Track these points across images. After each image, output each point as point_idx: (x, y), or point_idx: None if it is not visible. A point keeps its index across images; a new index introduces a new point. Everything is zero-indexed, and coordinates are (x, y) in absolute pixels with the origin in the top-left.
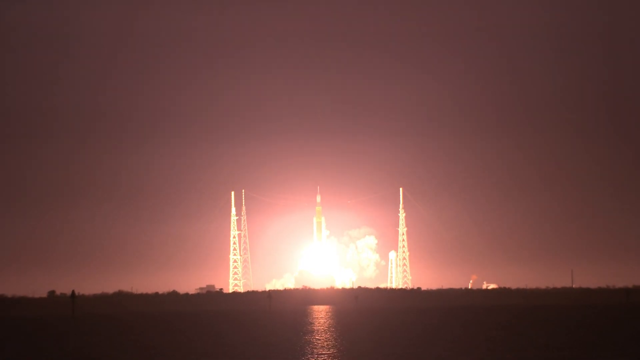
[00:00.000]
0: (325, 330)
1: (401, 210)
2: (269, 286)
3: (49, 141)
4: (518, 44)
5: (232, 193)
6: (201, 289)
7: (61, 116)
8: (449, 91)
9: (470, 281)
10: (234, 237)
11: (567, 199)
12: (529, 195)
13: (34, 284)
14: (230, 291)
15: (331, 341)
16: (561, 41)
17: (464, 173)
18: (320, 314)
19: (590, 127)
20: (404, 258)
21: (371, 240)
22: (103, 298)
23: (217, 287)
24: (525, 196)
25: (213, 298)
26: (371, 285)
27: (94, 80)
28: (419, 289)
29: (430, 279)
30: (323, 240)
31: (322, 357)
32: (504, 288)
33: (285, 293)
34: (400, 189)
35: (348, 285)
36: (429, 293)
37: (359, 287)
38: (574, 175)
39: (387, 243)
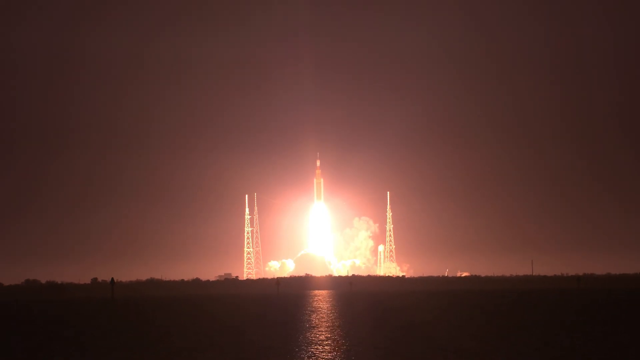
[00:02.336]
0: (326, 310)
1: (388, 210)
2: (270, 267)
3: (99, 151)
4: (492, 67)
5: (246, 196)
6: (220, 276)
7: (98, 129)
8: (432, 111)
9: (447, 270)
10: (248, 233)
11: (527, 201)
12: (495, 198)
13: (79, 272)
14: (245, 278)
15: (332, 318)
16: (523, 64)
17: (441, 180)
18: (321, 297)
19: (545, 139)
20: (391, 250)
21: (365, 235)
22: (137, 284)
23: (234, 275)
24: (492, 199)
25: (230, 284)
26: (363, 273)
27: (136, 99)
28: (403, 276)
29: (414, 268)
30: (322, 199)
31: (325, 334)
32: (475, 275)
33: (291, 280)
34: (388, 192)
35: (344, 274)
36: (412, 280)
37: (353, 275)
38: (533, 182)
39: (377, 238)
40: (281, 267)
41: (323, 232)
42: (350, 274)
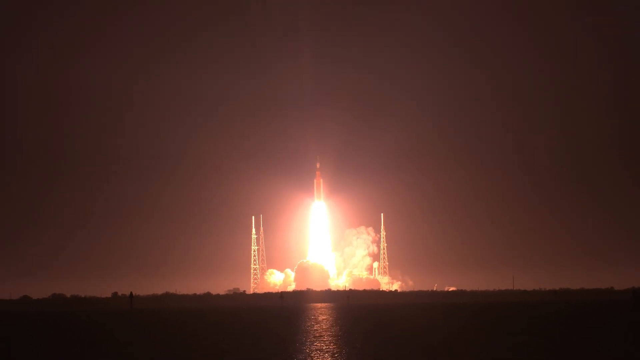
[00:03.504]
0: (327, 322)
1: (382, 230)
2: (270, 275)
3: (120, 177)
4: (467, 104)
5: (253, 217)
6: (229, 290)
7: (130, 159)
8: (418, 141)
9: (435, 285)
10: (254, 251)
11: (509, 221)
12: (478, 219)
13: (101, 287)
14: (251, 292)
15: (334, 328)
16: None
17: (429, 202)
18: (322, 310)
19: (521, 163)
20: (385, 267)
21: (363, 253)
22: (153, 297)
23: (241, 289)
24: (476, 219)
25: (238, 297)
26: (363, 286)
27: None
28: (395, 290)
29: (406, 283)
30: (322, 198)
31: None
32: (461, 290)
33: (294, 294)
34: (382, 214)
35: (341, 287)
36: (404, 294)
37: (350, 289)
38: (512, 204)
39: (374, 255)
40: (284, 279)
41: (322, 236)
42: (347, 288)
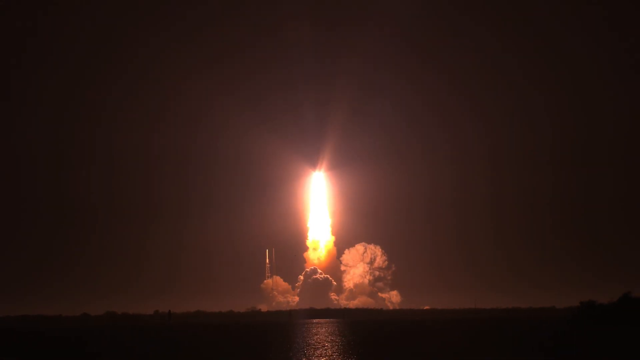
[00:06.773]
0: (326, 332)
1: (371, 260)
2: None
3: (160, 219)
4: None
5: (267, 250)
6: (248, 308)
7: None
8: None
9: (412, 305)
10: (267, 275)
11: (472, 249)
12: (447, 246)
13: (145, 305)
14: (266, 310)
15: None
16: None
17: (415, 234)
18: (322, 325)
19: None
20: (377, 290)
21: (360, 280)
22: (187, 314)
23: (258, 307)
24: (446, 246)
25: (256, 314)
26: (353, 306)
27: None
28: (381, 309)
29: (392, 302)
30: (323, 170)
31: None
32: (434, 308)
33: (299, 312)
34: (371, 246)
35: (339, 305)
36: (388, 311)
37: (345, 307)
38: (475, 236)
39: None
40: (290, 294)
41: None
42: (344, 307)
